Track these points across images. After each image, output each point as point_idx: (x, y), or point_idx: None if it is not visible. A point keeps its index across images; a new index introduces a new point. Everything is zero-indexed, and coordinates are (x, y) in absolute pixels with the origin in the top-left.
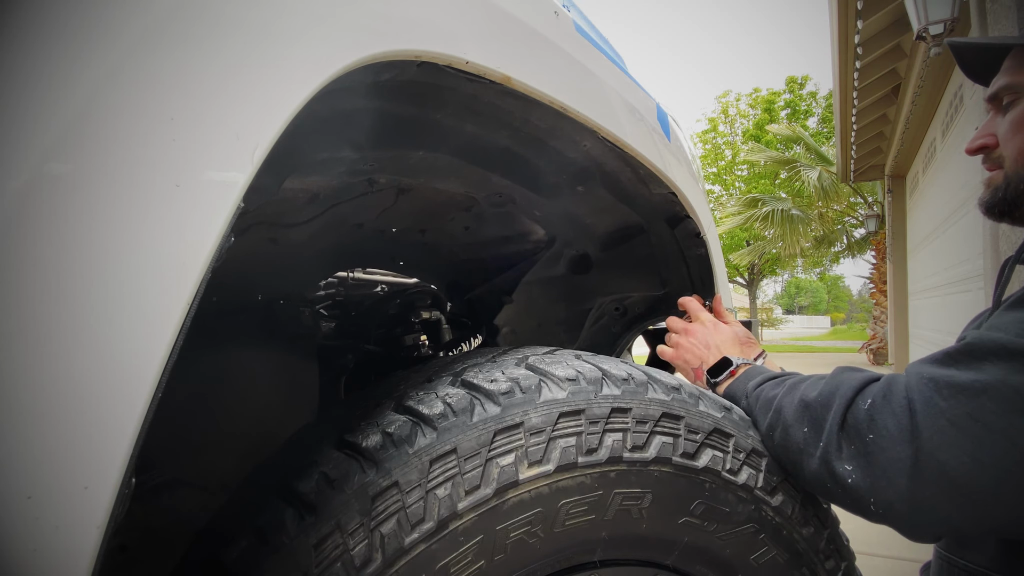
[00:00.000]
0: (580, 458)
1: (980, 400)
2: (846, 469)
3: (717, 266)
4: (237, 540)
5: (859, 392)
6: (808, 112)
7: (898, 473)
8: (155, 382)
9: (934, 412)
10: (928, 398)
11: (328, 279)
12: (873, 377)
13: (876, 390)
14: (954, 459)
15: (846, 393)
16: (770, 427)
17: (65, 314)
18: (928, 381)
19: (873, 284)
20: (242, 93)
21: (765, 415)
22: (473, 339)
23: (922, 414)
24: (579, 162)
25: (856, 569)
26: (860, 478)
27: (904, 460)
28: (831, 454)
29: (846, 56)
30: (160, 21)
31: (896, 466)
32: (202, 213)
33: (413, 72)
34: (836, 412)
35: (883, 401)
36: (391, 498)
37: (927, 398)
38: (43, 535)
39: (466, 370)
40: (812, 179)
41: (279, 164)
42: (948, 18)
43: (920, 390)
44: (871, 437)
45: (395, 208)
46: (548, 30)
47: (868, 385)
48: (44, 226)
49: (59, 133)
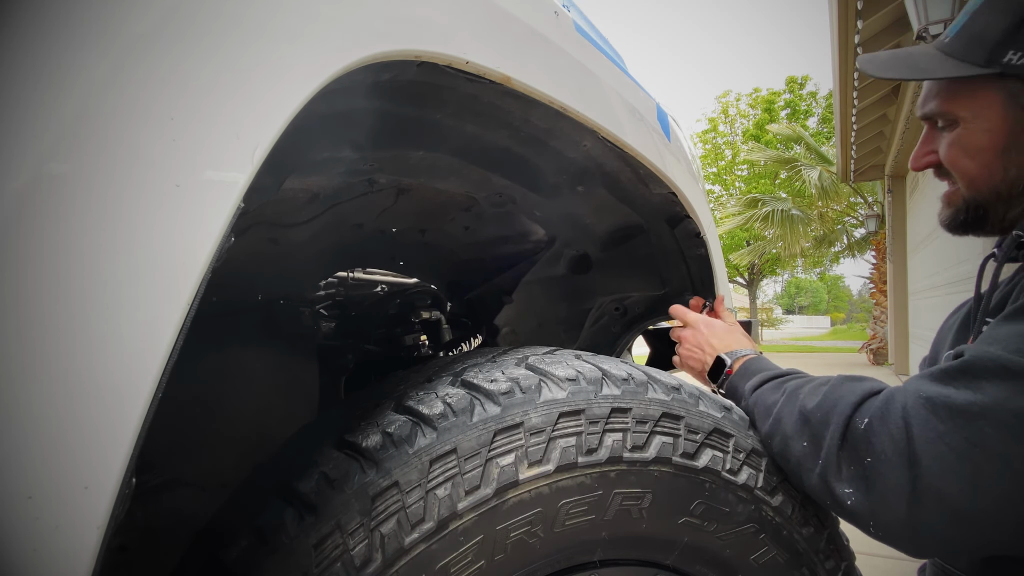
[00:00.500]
0: (580, 458)
1: (978, 424)
2: (845, 492)
3: (717, 266)
4: (237, 540)
5: (857, 408)
6: (808, 112)
7: (897, 500)
8: (155, 382)
9: (932, 437)
10: (925, 420)
11: (328, 279)
12: (872, 391)
13: (874, 409)
14: (953, 486)
15: (844, 410)
16: (769, 435)
17: (65, 314)
18: (925, 401)
19: (873, 284)
20: (242, 93)
21: (764, 421)
22: (473, 339)
23: (919, 439)
24: (579, 162)
25: (856, 569)
26: (859, 501)
27: (903, 487)
28: (830, 474)
29: (846, 56)
30: (160, 21)
31: (895, 493)
32: (202, 213)
33: (413, 72)
34: (834, 430)
35: (880, 422)
36: (391, 498)
37: (924, 420)
38: (43, 535)
39: (466, 370)
40: (812, 179)
41: (279, 164)
42: (948, 18)
43: (917, 411)
44: (869, 460)
45: (395, 208)
46: (548, 30)
47: (866, 401)
48: (44, 226)
49: (59, 133)
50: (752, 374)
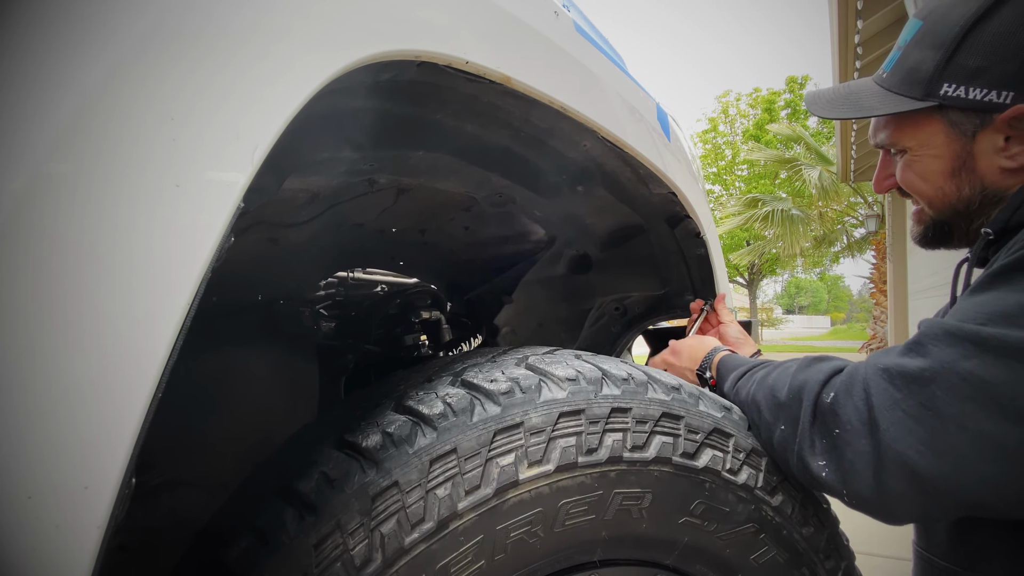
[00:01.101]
0: (580, 458)
1: (930, 389)
2: (819, 464)
3: (717, 266)
4: (237, 540)
5: (824, 385)
6: (808, 112)
7: (864, 466)
8: (155, 382)
9: (889, 404)
10: (883, 389)
11: (328, 279)
12: (837, 368)
13: (839, 383)
14: (912, 449)
15: (813, 387)
16: (754, 425)
17: (65, 314)
18: (882, 371)
19: (873, 284)
20: (242, 93)
21: (751, 416)
22: (473, 339)
23: (879, 407)
24: (579, 162)
25: (856, 569)
26: (831, 472)
27: (868, 453)
28: (804, 450)
29: (846, 56)
30: (160, 20)
31: (861, 459)
32: (202, 213)
33: (413, 72)
34: (806, 408)
35: (845, 395)
36: (391, 498)
37: (882, 389)
38: (43, 535)
39: (466, 370)
40: (812, 179)
41: (279, 164)
42: None
43: (876, 381)
44: (837, 432)
45: (395, 208)
46: (548, 30)
47: (833, 377)
48: (44, 226)
49: (59, 133)
50: (725, 377)
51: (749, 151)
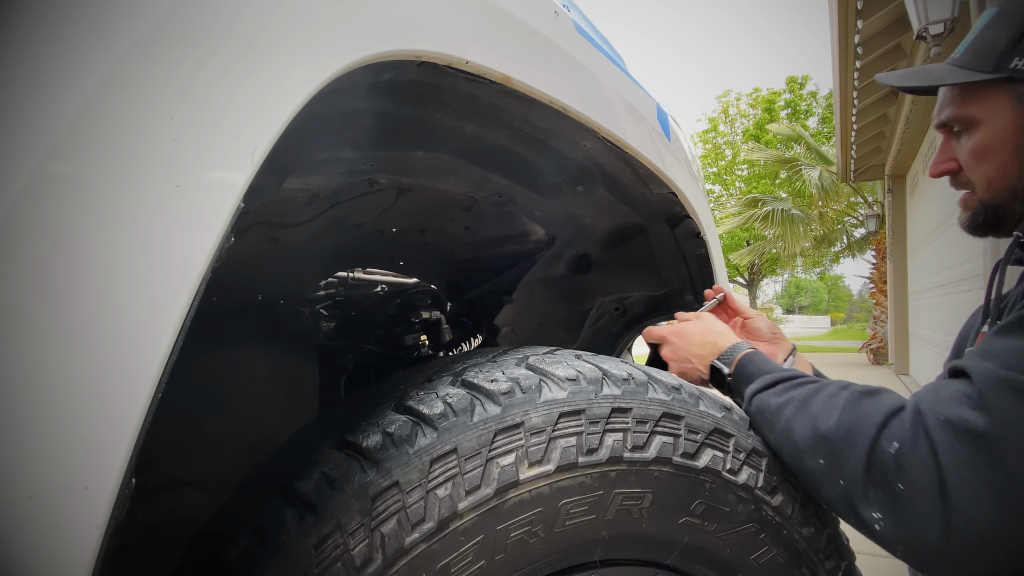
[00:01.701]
0: (580, 458)
1: (999, 449)
2: (873, 516)
3: (717, 266)
4: (237, 540)
5: (882, 429)
6: (808, 112)
7: (930, 528)
8: (155, 382)
9: (958, 463)
10: (949, 445)
11: (328, 279)
12: (894, 408)
13: (903, 433)
14: (982, 512)
15: (869, 431)
16: (777, 445)
17: (65, 314)
18: (946, 424)
19: (873, 284)
20: (242, 93)
21: (771, 430)
22: (473, 339)
23: (947, 467)
24: (579, 162)
25: (856, 569)
26: (889, 527)
27: (935, 515)
28: (856, 497)
29: (846, 56)
30: (160, 21)
31: (927, 521)
32: (202, 213)
33: (413, 72)
34: (860, 453)
35: (911, 448)
36: (391, 498)
37: (947, 444)
38: (43, 535)
39: (466, 370)
40: (812, 179)
41: (279, 164)
42: (948, 18)
43: (940, 437)
44: (900, 487)
45: (395, 208)
46: (548, 30)
47: (891, 420)
48: (45, 226)
49: (59, 133)
50: (750, 377)
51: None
